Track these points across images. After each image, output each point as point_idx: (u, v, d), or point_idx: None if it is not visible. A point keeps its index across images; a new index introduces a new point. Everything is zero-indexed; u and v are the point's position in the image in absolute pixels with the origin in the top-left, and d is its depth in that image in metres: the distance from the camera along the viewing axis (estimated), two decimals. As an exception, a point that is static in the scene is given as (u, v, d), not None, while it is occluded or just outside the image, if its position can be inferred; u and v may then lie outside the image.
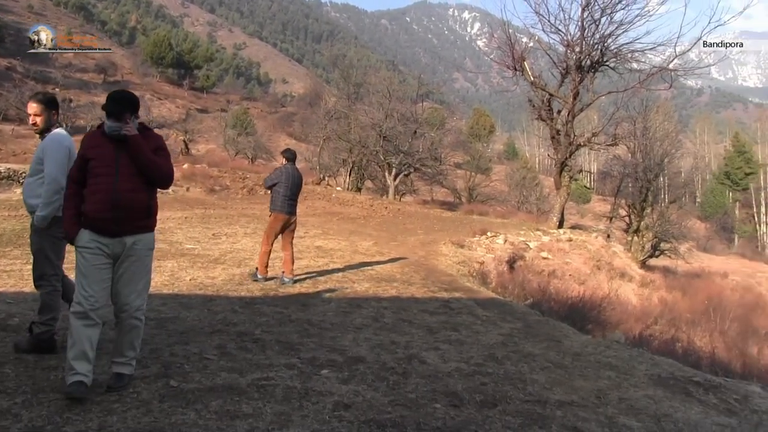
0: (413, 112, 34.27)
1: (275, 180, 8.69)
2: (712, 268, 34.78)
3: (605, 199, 58.99)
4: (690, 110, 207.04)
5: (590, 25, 21.88)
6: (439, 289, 9.11)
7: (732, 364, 10.18)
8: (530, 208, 43.98)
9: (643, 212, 29.07)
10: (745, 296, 25.65)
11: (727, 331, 14.98)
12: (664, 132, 32.55)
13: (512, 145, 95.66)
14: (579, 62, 22.50)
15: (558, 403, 4.32)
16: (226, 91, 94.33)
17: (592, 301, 11.11)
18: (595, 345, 6.54)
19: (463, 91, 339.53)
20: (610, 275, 19.24)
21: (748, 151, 72.53)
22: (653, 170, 29.17)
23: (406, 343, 5.76)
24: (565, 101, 23.23)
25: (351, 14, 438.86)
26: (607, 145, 26.04)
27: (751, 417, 4.57)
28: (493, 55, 26.95)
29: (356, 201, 25.48)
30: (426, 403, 4.11)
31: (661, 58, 23.51)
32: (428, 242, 15.30)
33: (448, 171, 39.49)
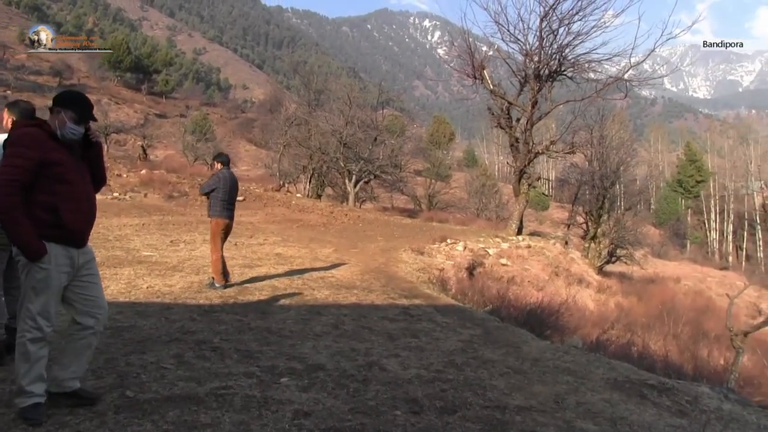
0: (374, 119, 34.34)
1: (213, 186, 8.75)
2: (666, 274, 35.51)
3: (563, 207, 59.74)
4: (644, 119, 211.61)
5: (548, 36, 22.19)
6: (399, 296, 9.12)
7: (684, 366, 10.40)
8: (489, 215, 44.31)
9: (600, 219, 29.48)
10: (696, 300, 26.26)
11: (679, 334, 15.28)
12: (619, 141, 33.11)
13: (472, 152, 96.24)
14: (537, 71, 22.78)
15: (517, 409, 4.37)
16: (186, 96, 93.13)
17: (550, 307, 11.22)
18: (553, 350, 6.62)
19: (423, 98, 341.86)
20: (568, 281, 19.45)
21: (699, 160, 74.29)
22: (609, 178, 29.61)
23: (366, 350, 5.75)
24: (523, 110, 23.49)
25: (312, 21, 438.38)
26: (564, 153, 26.38)
27: (700, 417, 4.70)
28: (454, 63, 27.12)
29: (316, 208, 25.39)
30: (386, 410, 4.12)
31: (617, 69, 23.96)
32: (388, 249, 15.31)
33: (408, 178, 39.62)
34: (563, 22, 21.86)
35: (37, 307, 3.55)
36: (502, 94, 23.88)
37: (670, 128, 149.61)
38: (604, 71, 23.84)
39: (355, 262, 12.37)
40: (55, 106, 3.73)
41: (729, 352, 13.28)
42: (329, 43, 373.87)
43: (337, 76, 71.60)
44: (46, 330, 3.57)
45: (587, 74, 23.56)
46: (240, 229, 16.56)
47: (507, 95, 23.96)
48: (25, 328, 3.53)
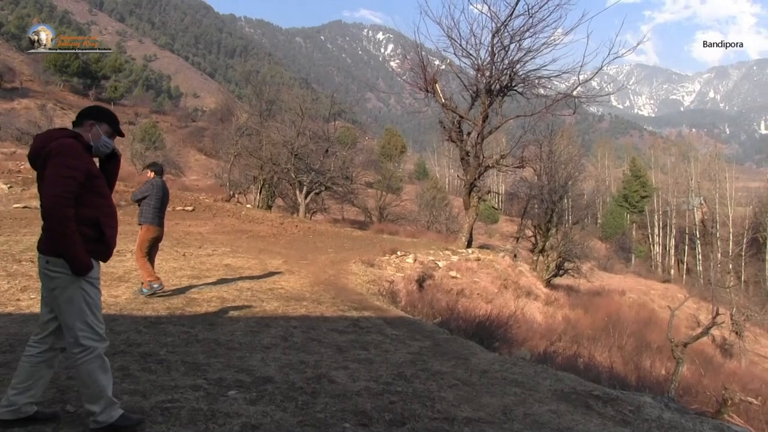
0: (325, 130, 34.28)
1: (145, 193, 8.82)
2: (612, 287, 36.19)
3: (512, 220, 60.56)
4: (592, 135, 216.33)
5: (500, 51, 22.48)
6: (349, 308, 9.10)
7: (628, 377, 10.62)
8: (440, 228, 44.61)
9: (548, 233, 29.87)
10: (640, 312, 26.87)
11: (624, 346, 15.62)
12: (568, 155, 33.64)
13: (423, 165, 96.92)
14: (489, 86, 23.05)
15: (465, 420, 4.39)
16: (135, 103, 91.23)
17: (499, 319, 11.32)
18: (501, 362, 6.68)
19: (375, 110, 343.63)
20: (517, 294, 19.65)
21: (643, 176, 76.21)
22: (558, 192, 30.04)
23: (315, 363, 5.72)
24: (474, 123, 23.73)
25: (265, 30, 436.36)
26: (514, 167, 26.70)
27: (642, 426, 4.80)
28: (406, 76, 27.23)
29: (266, 219, 25.18)
30: (335, 422, 4.10)
31: (566, 85, 24.42)
32: (338, 261, 15.27)
33: (359, 190, 39.58)
34: (514, 39, 22.20)
35: (94, 320, 3.57)
36: (453, 107, 24.08)
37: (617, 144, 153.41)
38: (553, 87, 24.27)
39: (305, 274, 12.30)
40: (88, 119, 3.79)
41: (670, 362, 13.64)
42: (282, 53, 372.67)
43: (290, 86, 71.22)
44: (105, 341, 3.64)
45: (537, 90, 23.92)
46: (189, 239, 16.33)
47: (458, 109, 24.17)
48: (90, 345, 3.52)
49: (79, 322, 3.49)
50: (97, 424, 3.51)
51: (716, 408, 8.50)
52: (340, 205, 43.51)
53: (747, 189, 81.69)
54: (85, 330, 3.51)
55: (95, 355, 3.53)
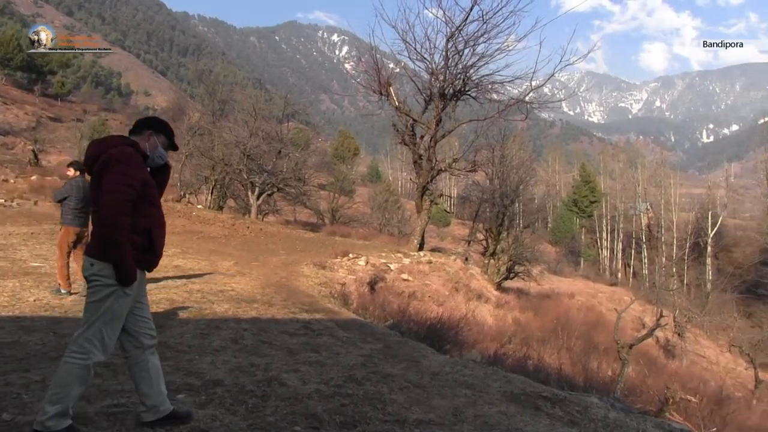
0: (278, 131, 34.02)
1: (65, 194, 8.58)
2: (561, 290, 36.75)
3: (464, 223, 60.98)
4: (543, 141, 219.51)
5: (454, 56, 22.66)
6: (300, 311, 9.06)
7: (576, 378, 10.81)
8: (392, 231, 44.66)
9: (500, 236, 30.18)
10: (588, 315, 27.34)
11: (572, 348, 15.87)
12: (519, 160, 34.08)
13: (376, 167, 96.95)
14: (442, 90, 23.21)
15: (416, 422, 4.41)
16: (83, 100, 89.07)
17: (450, 322, 11.40)
18: (452, 364, 6.73)
19: (329, 112, 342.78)
20: (468, 296, 19.80)
21: (592, 181, 77.54)
22: (509, 196, 30.39)
23: (265, 365, 5.67)
24: (428, 127, 23.86)
25: (219, 29, 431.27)
26: (466, 171, 26.97)
27: (589, 426, 4.90)
28: (360, 78, 27.24)
29: (218, 220, 24.91)
30: (285, 426, 4.07)
31: (519, 91, 24.71)
32: (290, 263, 15.19)
33: (311, 192, 39.41)
34: (468, 44, 22.40)
35: (110, 332, 3.49)
36: (407, 111, 24.18)
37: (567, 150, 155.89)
38: (506, 93, 24.56)
39: (256, 276, 12.21)
40: (146, 128, 3.81)
41: (616, 363, 13.93)
42: (236, 52, 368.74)
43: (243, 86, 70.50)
44: (106, 356, 3.55)
45: (490, 95, 24.17)
46: (137, 239, 16.02)
47: (412, 112, 24.27)
48: (90, 351, 3.43)
49: (95, 328, 3.44)
50: (42, 427, 3.35)
51: (659, 407, 8.72)
52: (292, 207, 43.20)
53: (690, 195, 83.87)
54: (94, 340, 3.45)
55: (84, 364, 3.43)
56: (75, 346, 3.43)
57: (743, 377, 25.05)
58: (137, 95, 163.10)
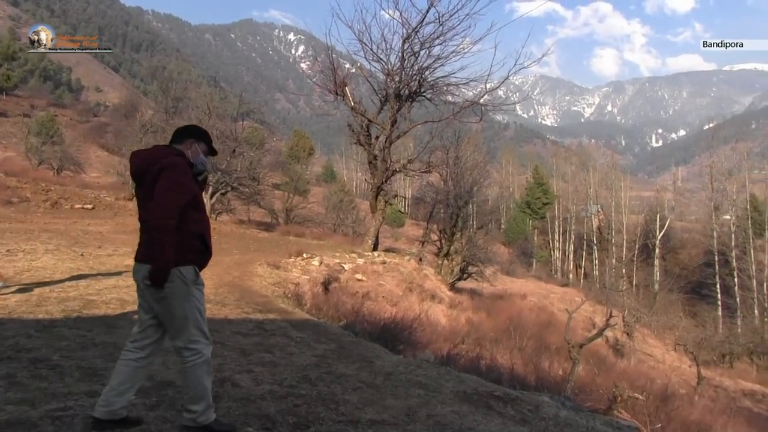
0: (233, 130, 33.66)
1: None
2: (514, 290, 37.17)
3: (418, 224, 61.18)
4: (497, 143, 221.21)
5: (410, 57, 22.74)
6: (254, 311, 9.00)
7: (528, 377, 10.94)
8: (346, 231, 44.60)
9: (453, 237, 30.32)
10: (540, 315, 27.72)
11: (524, 347, 16.08)
12: (473, 162, 34.32)
13: (331, 167, 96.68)
14: (398, 91, 23.27)
15: (369, 423, 4.42)
16: (31, 94, 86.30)
17: (403, 322, 11.42)
18: (405, 364, 6.76)
19: (284, 112, 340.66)
20: (421, 297, 19.87)
21: (545, 183, 78.64)
22: (463, 197, 30.55)
23: (218, 366, 5.60)
24: (383, 128, 23.89)
25: (174, 26, 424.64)
26: (421, 172, 27.06)
27: (540, 424, 4.98)
28: (316, 78, 27.12)
29: (171, 218, 24.52)
30: (238, 427, 4.04)
31: (473, 93, 24.92)
32: (243, 263, 15.07)
33: (266, 191, 39.09)
34: (424, 45, 22.50)
35: (202, 321, 3.79)
36: (362, 111, 24.18)
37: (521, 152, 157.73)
38: (461, 95, 24.75)
39: (209, 276, 12.05)
40: (188, 137, 3.99)
41: (567, 362, 14.15)
42: (191, 50, 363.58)
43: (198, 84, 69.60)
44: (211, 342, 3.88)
45: (445, 97, 24.31)
46: (88, 239, 15.71)
47: (367, 113, 24.27)
48: (199, 348, 3.73)
49: (192, 327, 3.70)
50: (196, 423, 3.74)
51: (607, 405, 8.89)
52: (246, 206, 42.78)
53: (640, 198, 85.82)
54: (197, 334, 3.73)
55: (204, 359, 3.76)
56: (184, 351, 3.70)
57: (687, 374, 25.72)
58: (88, 91, 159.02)
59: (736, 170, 61.05)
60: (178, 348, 3.74)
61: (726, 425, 12.58)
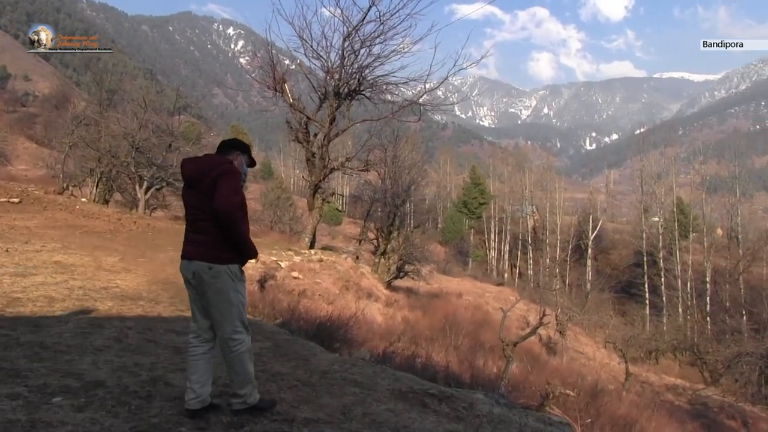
0: (169, 124, 33.04)
1: None
2: (450, 289, 37.54)
3: (355, 222, 61.31)
4: (435, 143, 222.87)
5: (350, 55, 22.68)
6: (188, 309, 8.85)
7: (463, 375, 11.06)
8: (283, 228, 44.41)
9: (390, 236, 30.46)
10: (475, 314, 28.06)
11: (460, 346, 16.23)
12: (411, 161, 34.54)
13: (268, 164, 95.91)
14: (337, 89, 23.20)
15: (305, 421, 4.40)
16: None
17: (340, 320, 11.41)
18: (341, 363, 6.76)
19: (222, 107, 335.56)
20: (358, 295, 19.89)
21: (482, 184, 79.72)
22: (401, 196, 30.73)
23: (150, 365, 5.51)
24: (321, 125, 23.79)
25: (109, 15, 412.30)
26: (359, 170, 27.06)
27: (474, 421, 5.05)
28: (255, 74, 26.80)
29: (103, 214, 23.88)
30: (171, 427, 3.97)
31: (413, 93, 25.02)
32: (178, 259, 14.75)
33: (203, 187, 38.53)
34: (365, 44, 22.46)
35: (244, 314, 4.30)
36: (301, 108, 24.02)
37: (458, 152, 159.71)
38: (400, 94, 24.80)
39: (143, 272, 11.82)
40: (234, 149, 4.49)
41: (501, 360, 14.39)
42: (127, 41, 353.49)
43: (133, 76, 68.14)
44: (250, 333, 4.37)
45: (384, 95, 24.34)
46: (14, 233, 15.16)
47: (306, 110, 24.13)
48: (243, 338, 4.20)
49: (236, 319, 4.17)
50: (244, 405, 4.27)
51: (540, 401, 9.07)
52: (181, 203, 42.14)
53: (573, 199, 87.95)
54: (240, 325, 4.19)
55: (247, 347, 4.23)
56: (230, 341, 4.16)
57: (616, 371, 26.47)
58: (15, 79, 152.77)
59: (665, 174, 63.09)
60: (223, 338, 4.18)
61: (650, 418, 13.00)
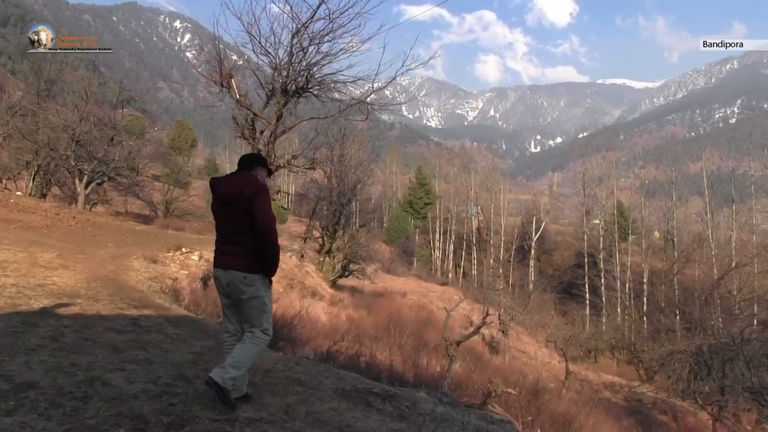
0: (112, 117, 32.30)
1: None
2: (394, 288, 37.68)
3: (301, 220, 60.85)
4: (382, 142, 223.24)
5: (298, 52, 22.45)
6: (128, 306, 8.67)
7: (407, 374, 11.12)
8: (228, 226, 43.74)
9: (336, 234, 30.43)
10: (419, 313, 28.25)
11: (404, 345, 16.31)
12: (358, 160, 34.53)
13: (214, 161, 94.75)
14: (285, 86, 22.98)
15: (247, 421, 4.34)
16: None
17: (284, 319, 11.36)
18: (285, 362, 6.72)
19: (167, 101, 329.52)
20: (303, 294, 19.84)
21: (428, 184, 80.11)
22: (347, 195, 30.73)
23: (87, 365, 5.35)
24: (268, 122, 23.53)
25: (48, 2, 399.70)
26: (305, 168, 26.83)
27: (417, 420, 5.07)
28: (202, 68, 26.24)
29: (39, 208, 23.17)
30: (108, 428, 3.85)
31: (361, 92, 24.96)
32: (119, 256, 14.48)
33: (145, 182, 37.84)
34: (314, 41, 22.26)
35: (270, 320, 4.73)
36: (248, 104, 23.69)
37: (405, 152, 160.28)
38: (348, 93, 24.70)
39: (81, 269, 11.51)
40: (255, 164, 5.02)
41: (445, 359, 14.52)
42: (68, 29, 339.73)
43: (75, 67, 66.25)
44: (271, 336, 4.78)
45: (332, 94, 24.21)
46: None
47: (253, 106, 23.80)
48: (265, 336, 4.64)
49: (264, 321, 4.62)
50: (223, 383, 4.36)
51: (482, 400, 9.19)
52: (123, 198, 41.28)
53: (518, 201, 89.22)
54: (268, 328, 4.66)
55: (264, 345, 4.70)
56: (258, 332, 4.59)
57: (557, 369, 26.98)
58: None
59: (606, 177, 64.38)
60: (251, 330, 4.61)
61: (588, 415, 13.31)
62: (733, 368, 18.88)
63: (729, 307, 35.84)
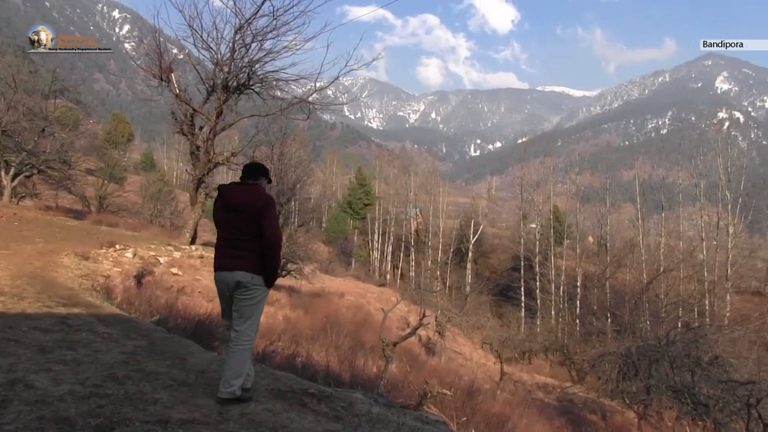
0: (43, 108, 31.27)
1: None
2: (332, 289, 37.57)
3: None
4: (323, 142, 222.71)
5: (240, 48, 22.31)
6: (57, 305, 8.39)
7: (343, 375, 11.09)
8: (164, 222, 43.20)
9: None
10: (357, 314, 28.23)
11: (341, 345, 16.27)
12: (298, 159, 34.33)
13: (150, 156, 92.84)
14: (226, 82, 22.77)
15: (180, 422, 4.26)
16: None
17: (219, 318, 11.19)
18: (220, 362, 6.61)
19: (103, 93, 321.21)
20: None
21: (368, 185, 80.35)
22: (286, 194, 30.48)
23: (9, 366, 5.15)
24: (208, 118, 23.27)
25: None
26: (245, 166, 26.66)
27: (353, 420, 5.07)
28: (141, 61, 25.89)
29: (-39, 201, 22.31)
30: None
31: (303, 91, 24.93)
32: (48, 252, 14.03)
33: (77, 176, 36.78)
34: (257, 38, 22.17)
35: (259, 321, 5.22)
36: (187, 99, 23.39)
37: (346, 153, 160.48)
38: (290, 91, 24.66)
39: (6, 266, 11.11)
40: (260, 175, 5.27)
41: (381, 360, 14.54)
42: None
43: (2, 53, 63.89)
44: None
45: (274, 92, 24.14)
46: None
47: (193, 102, 23.52)
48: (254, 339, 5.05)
49: (254, 320, 5.03)
50: (233, 396, 4.80)
51: (418, 400, 9.21)
52: (54, 191, 40.05)
53: (457, 204, 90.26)
54: (255, 326, 5.07)
55: (252, 346, 5.08)
56: (244, 336, 4.92)
57: (492, 371, 27.37)
58: None
59: (543, 183, 65.81)
60: (240, 332, 4.93)
61: (522, 415, 13.58)
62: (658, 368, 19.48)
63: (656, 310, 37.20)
